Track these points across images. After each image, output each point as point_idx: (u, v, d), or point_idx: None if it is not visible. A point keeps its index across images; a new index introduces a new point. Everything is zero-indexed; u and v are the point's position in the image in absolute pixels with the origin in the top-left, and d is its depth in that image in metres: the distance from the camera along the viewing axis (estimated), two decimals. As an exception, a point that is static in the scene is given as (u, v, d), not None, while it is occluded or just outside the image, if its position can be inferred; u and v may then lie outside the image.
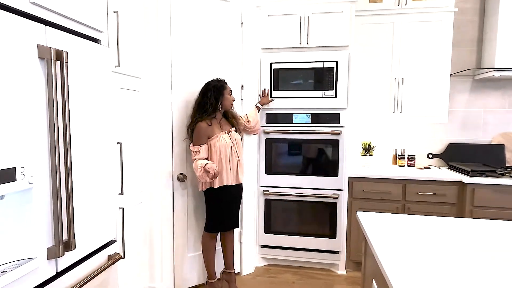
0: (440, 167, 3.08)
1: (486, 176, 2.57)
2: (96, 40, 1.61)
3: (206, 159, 2.17)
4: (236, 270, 2.67)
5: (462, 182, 2.58)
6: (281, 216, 2.81)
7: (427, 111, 2.84)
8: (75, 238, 1.36)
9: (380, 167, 3.06)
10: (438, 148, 3.17)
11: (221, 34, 2.44)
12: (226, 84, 2.27)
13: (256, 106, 2.63)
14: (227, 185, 2.23)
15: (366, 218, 1.50)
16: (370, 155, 3.07)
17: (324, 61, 2.64)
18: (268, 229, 2.83)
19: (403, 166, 3.11)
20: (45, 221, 1.24)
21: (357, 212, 1.58)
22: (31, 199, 1.19)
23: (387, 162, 3.23)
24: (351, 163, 3.15)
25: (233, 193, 2.31)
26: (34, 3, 1.23)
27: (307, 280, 2.62)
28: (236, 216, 2.40)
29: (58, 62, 1.25)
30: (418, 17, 2.80)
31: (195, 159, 2.14)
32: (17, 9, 1.17)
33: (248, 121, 2.53)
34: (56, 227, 1.26)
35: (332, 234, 2.72)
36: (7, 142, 1.07)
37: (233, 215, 2.35)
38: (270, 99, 2.69)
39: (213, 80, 2.25)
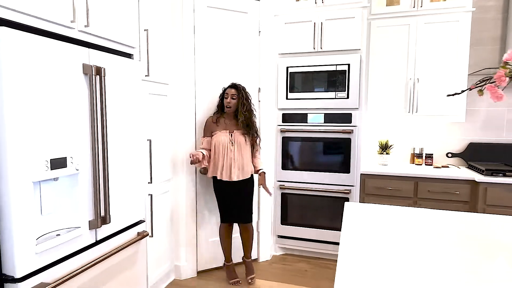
0: (459, 166, 3.10)
1: (504, 176, 2.58)
2: (129, 55, 1.97)
3: (209, 151, 2.46)
4: (254, 256, 2.95)
5: (474, 181, 2.62)
6: (296, 209, 3.03)
7: (444, 110, 2.89)
8: (110, 214, 1.72)
9: (397, 165, 3.15)
10: (458, 147, 3.19)
11: (240, 43, 2.72)
12: (228, 87, 2.45)
13: (261, 173, 2.58)
14: (221, 179, 2.42)
15: (352, 208, 1.69)
16: (387, 153, 3.17)
17: (336, 64, 2.82)
18: (284, 221, 3.06)
19: (421, 164, 3.17)
20: (87, 199, 1.60)
21: (345, 203, 1.77)
22: (77, 182, 1.55)
23: (405, 161, 3.30)
24: (364, 160, 3.28)
25: (227, 189, 2.47)
26: (81, 31, 1.60)
27: (319, 269, 2.81)
28: (239, 212, 2.52)
29: (97, 76, 1.61)
30: (434, 18, 2.86)
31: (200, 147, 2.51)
32: (69, 37, 1.54)
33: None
34: (95, 204, 1.63)
35: (344, 227, 2.89)
36: (60, 138, 1.44)
37: (233, 209, 2.51)
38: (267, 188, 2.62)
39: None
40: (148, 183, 2.23)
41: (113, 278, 1.79)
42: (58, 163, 1.43)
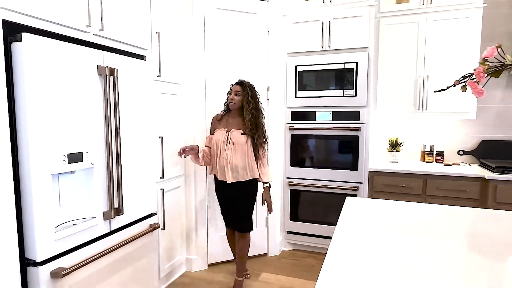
0: (471, 164, 3.07)
1: (515, 173, 2.55)
2: (141, 57, 2.08)
3: (210, 148, 2.37)
4: (263, 251, 3.03)
5: (485, 178, 2.60)
6: (305, 205, 3.08)
7: (454, 107, 2.87)
8: (123, 206, 1.83)
9: (407, 162, 3.15)
10: (470, 144, 3.15)
11: (249, 43, 2.80)
12: (234, 84, 2.33)
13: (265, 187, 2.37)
14: (217, 178, 2.33)
15: (353, 203, 1.73)
16: (397, 151, 3.18)
17: (344, 63, 2.85)
18: (293, 217, 3.12)
19: (431, 162, 3.15)
20: (101, 192, 1.71)
21: (347, 197, 1.81)
22: (92, 175, 1.67)
23: (416, 159, 3.29)
24: (374, 158, 3.29)
25: (224, 190, 2.35)
26: (96, 35, 1.72)
27: (326, 264, 2.85)
28: (234, 217, 2.38)
29: (111, 77, 1.72)
30: (444, 15, 2.84)
31: None
32: (85, 41, 1.66)
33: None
34: (109, 196, 1.74)
35: (352, 224, 2.92)
36: (77, 134, 1.56)
37: (229, 213, 2.39)
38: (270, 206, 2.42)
39: None
40: (160, 178, 2.34)
41: (126, 267, 1.90)
42: (75, 158, 1.55)
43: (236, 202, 2.33)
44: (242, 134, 2.27)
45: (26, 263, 1.42)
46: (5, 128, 1.30)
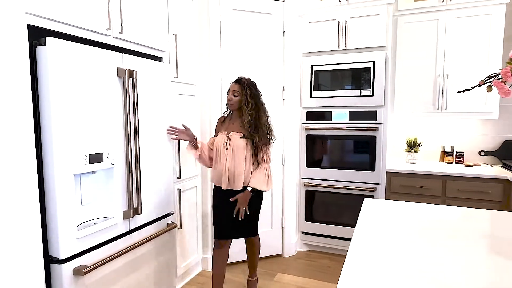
0: (492, 165, 2.98)
1: (540, 175, 2.46)
2: (159, 59, 2.12)
3: (211, 150, 2.20)
4: (278, 252, 3.02)
5: (507, 180, 2.52)
6: (320, 206, 3.06)
7: (475, 107, 2.80)
8: (142, 206, 1.86)
9: (425, 163, 3.09)
10: (492, 145, 3.06)
11: (264, 43, 2.80)
12: (232, 83, 2.12)
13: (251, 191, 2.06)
14: (217, 185, 2.13)
15: (371, 204, 1.71)
16: (415, 151, 3.11)
17: (361, 62, 2.82)
18: (309, 218, 3.10)
19: (451, 163, 3.08)
20: (121, 191, 1.75)
21: (365, 199, 1.79)
22: (113, 175, 1.71)
23: (435, 159, 3.22)
24: (392, 158, 3.23)
25: (220, 195, 2.11)
26: (116, 37, 1.75)
27: (342, 266, 2.83)
28: (238, 225, 2.09)
29: (130, 79, 1.75)
30: (465, 12, 2.77)
31: None
32: (105, 43, 1.69)
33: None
34: (128, 196, 1.77)
35: (369, 225, 2.88)
36: (97, 135, 1.59)
37: (229, 222, 2.09)
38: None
39: None
40: (177, 178, 2.36)
41: (144, 266, 1.94)
42: (96, 158, 1.58)
43: (226, 209, 2.07)
44: (241, 137, 2.05)
45: (49, 260, 1.46)
46: (30, 130, 1.35)
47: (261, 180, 2.07)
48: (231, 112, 2.19)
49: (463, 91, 1.08)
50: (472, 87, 1.07)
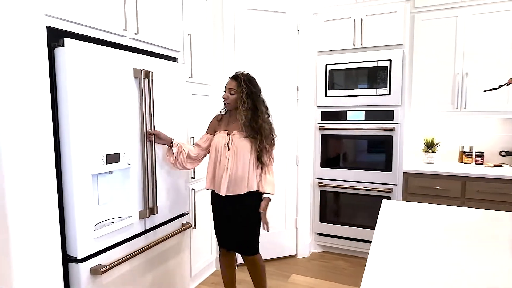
0: (514, 166, 2.88)
1: None
2: (174, 59, 2.12)
3: (201, 149, 1.99)
4: (292, 252, 3.00)
5: (531, 181, 2.44)
6: (335, 207, 3.02)
7: (496, 106, 2.71)
8: (157, 206, 1.87)
9: (443, 164, 3.01)
10: (513, 145, 2.96)
11: (279, 42, 2.77)
12: (229, 79, 1.94)
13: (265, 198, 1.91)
14: (214, 190, 1.94)
15: (390, 206, 1.67)
16: (432, 151, 3.04)
17: (377, 60, 2.76)
18: (323, 218, 3.07)
19: (470, 163, 2.99)
20: (137, 192, 1.76)
21: (383, 200, 1.75)
22: (129, 175, 1.71)
23: (453, 160, 3.14)
24: (408, 159, 3.16)
25: (220, 204, 1.93)
26: (132, 38, 1.76)
27: (357, 268, 2.79)
28: (236, 238, 1.93)
29: (146, 79, 1.75)
30: (485, 8, 2.68)
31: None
32: (121, 44, 1.70)
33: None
34: (144, 196, 1.78)
35: (385, 227, 2.83)
36: (114, 135, 1.60)
37: (228, 233, 1.96)
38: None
39: None
40: (192, 178, 2.36)
41: (159, 265, 1.94)
42: (112, 158, 1.59)
43: (237, 219, 1.90)
44: (245, 137, 1.87)
45: (67, 259, 1.48)
46: (49, 131, 1.36)
47: (273, 184, 1.94)
48: (225, 110, 2.02)
49: (490, 90, 1.04)
50: (500, 86, 1.03)
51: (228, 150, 1.87)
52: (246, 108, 1.85)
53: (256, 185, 1.90)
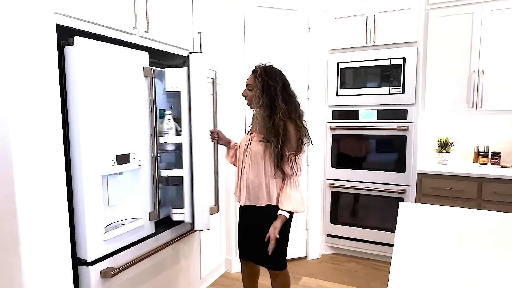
0: (532, 167, 2.80)
1: None
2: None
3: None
4: (302, 254, 2.95)
5: (551, 183, 2.35)
6: (346, 208, 2.96)
7: (514, 105, 2.63)
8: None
9: (458, 164, 2.93)
10: (531, 145, 2.88)
11: (289, 40, 2.72)
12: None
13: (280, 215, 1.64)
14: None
15: (408, 208, 1.61)
16: (446, 151, 2.97)
17: (391, 58, 2.69)
18: (334, 220, 3.01)
19: (486, 164, 2.91)
20: (147, 193, 1.72)
21: (400, 203, 1.69)
22: (139, 176, 1.68)
23: (468, 160, 3.06)
24: (421, 159, 3.09)
25: (243, 213, 1.79)
26: (142, 37, 1.73)
27: (369, 270, 2.73)
28: (257, 250, 1.70)
29: (156, 78, 1.72)
30: (502, 4, 2.60)
31: None
32: (131, 43, 1.67)
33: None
34: (154, 197, 1.74)
35: (398, 229, 2.76)
36: (124, 135, 1.57)
37: (248, 243, 1.78)
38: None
39: None
40: (201, 178, 2.33)
41: (169, 267, 1.91)
42: (122, 159, 1.56)
43: (257, 231, 1.67)
44: (260, 141, 1.64)
45: (77, 262, 1.45)
46: (59, 131, 1.33)
47: (298, 199, 1.65)
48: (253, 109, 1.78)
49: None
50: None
51: (246, 155, 1.69)
52: (262, 104, 1.61)
53: (276, 198, 1.66)
